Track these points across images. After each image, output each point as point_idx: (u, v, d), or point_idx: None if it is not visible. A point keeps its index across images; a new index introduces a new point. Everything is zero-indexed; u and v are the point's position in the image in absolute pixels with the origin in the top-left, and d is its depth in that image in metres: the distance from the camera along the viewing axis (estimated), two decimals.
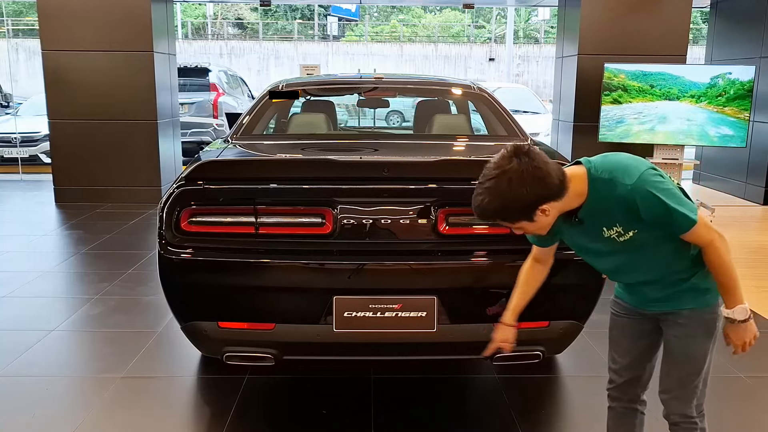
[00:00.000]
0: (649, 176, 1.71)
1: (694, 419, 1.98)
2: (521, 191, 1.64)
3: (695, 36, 26.65)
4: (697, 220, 1.72)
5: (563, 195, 1.71)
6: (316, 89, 4.14)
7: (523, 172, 1.64)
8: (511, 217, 1.72)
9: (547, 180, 1.66)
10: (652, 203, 1.70)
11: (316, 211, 2.51)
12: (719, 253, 1.76)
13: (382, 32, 35.19)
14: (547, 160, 1.69)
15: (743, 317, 1.84)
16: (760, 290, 4.53)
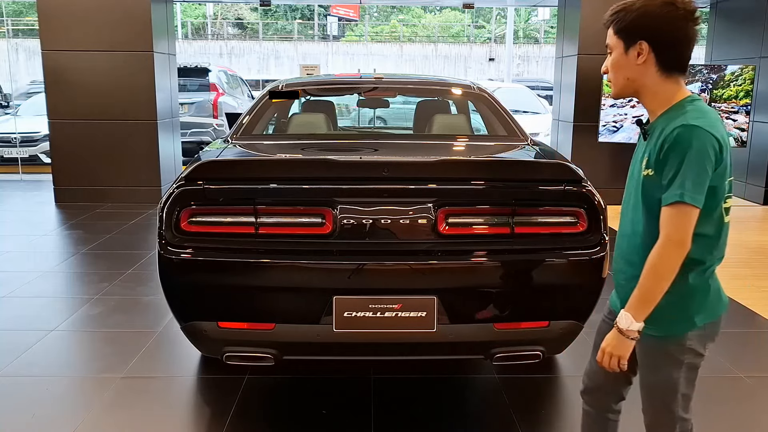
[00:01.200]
0: (705, 138, 1.54)
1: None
2: (649, 6, 1.63)
3: None
4: (683, 201, 1.54)
5: (663, 70, 1.64)
6: (316, 89, 4.14)
7: (671, 5, 1.60)
8: (620, 23, 1.71)
9: (676, 30, 1.61)
10: (680, 151, 1.55)
11: (316, 211, 2.51)
12: (657, 254, 1.59)
13: (382, 32, 35.19)
14: (696, 37, 1.64)
15: (622, 326, 1.65)
16: (760, 290, 4.53)
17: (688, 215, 1.57)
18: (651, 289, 1.61)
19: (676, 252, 1.58)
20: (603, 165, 7.48)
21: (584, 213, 2.55)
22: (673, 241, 1.58)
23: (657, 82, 1.66)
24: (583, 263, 2.57)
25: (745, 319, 4.03)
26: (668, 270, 1.59)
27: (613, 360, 1.69)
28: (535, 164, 2.87)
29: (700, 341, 1.73)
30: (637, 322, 1.64)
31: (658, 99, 1.68)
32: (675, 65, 1.65)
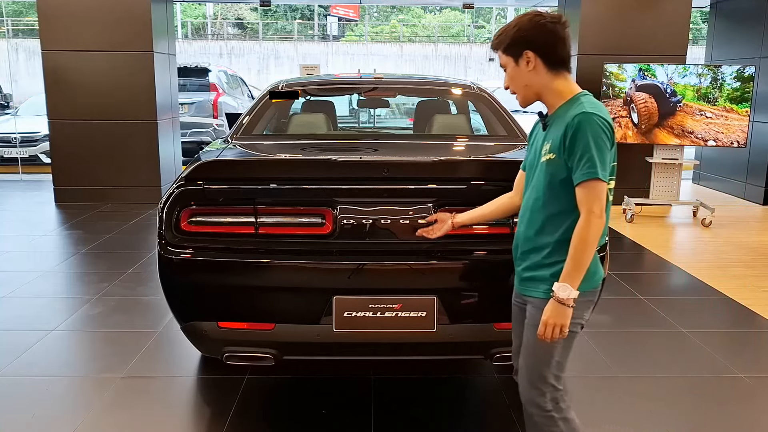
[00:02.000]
0: (601, 123, 1.79)
1: (550, 412, 1.96)
2: (522, 22, 1.89)
3: (695, 36, 26.64)
4: (598, 178, 1.76)
5: (551, 69, 1.89)
6: (316, 89, 4.14)
7: (538, 15, 1.89)
8: (504, 43, 1.93)
9: (548, 34, 1.87)
10: (583, 134, 1.78)
11: (316, 211, 2.51)
12: (585, 227, 1.78)
13: (382, 32, 35.19)
14: (568, 37, 1.90)
15: (562, 295, 1.80)
16: (760, 290, 4.53)
17: (600, 189, 1.79)
18: (581, 258, 1.80)
19: (597, 222, 1.78)
20: None
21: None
22: (595, 213, 1.78)
23: (549, 81, 1.91)
24: None
25: (745, 319, 4.03)
26: (594, 240, 1.79)
27: (556, 329, 1.84)
28: None
29: (580, 306, 1.89)
30: (574, 290, 1.81)
31: (554, 94, 1.92)
32: (559, 63, 1.90)
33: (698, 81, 6.52)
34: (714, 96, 6.49)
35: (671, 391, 3.08)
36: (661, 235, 6.29)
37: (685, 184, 8.64)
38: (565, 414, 1.97)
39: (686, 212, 7.22)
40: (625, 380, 3.17)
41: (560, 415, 1.96)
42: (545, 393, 1.95)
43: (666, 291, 4.71)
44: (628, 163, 7.46)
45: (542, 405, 1.96)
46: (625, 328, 3.86)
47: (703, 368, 3.32)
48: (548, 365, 1.93)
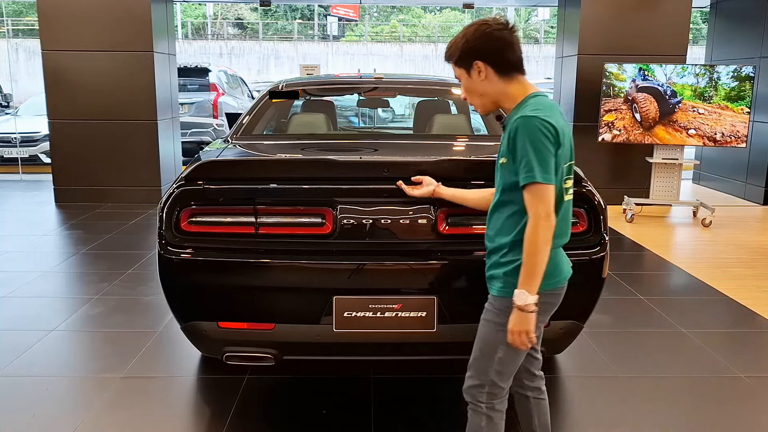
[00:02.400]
0: (540, 124, 1.78)
1: (480, 404, 1.98)
2: (468, 33, 1.91)
3: (695, 36, 26.64)
4: (536, 181, 1.77)
5: (503, 75, 1.90)
6: (316, 89, 4.14)
7: (484, 24, 1.90)
8: (454, 56, 1.94)
9: (495, 41, 1.88)
10: (521, 138, 1.79)
11: (316, 211, 2.51)
12: (533, 231, 1.79)
13: (382, 32, 35.20)
14: (519, 46, 1.92)
15: (519, 303, 1.82)
16: (761, 290, 4.53)
17: (543, 192, 1.79)
18: (533, 262, 1.80)
19: (544, 225, 1.79)
20: (603, 165, 7.49)
21: (584, 213, 2.55)
22: (541, 216, 1.79)
23: (504, 87, 1.93)
24: (583, 263, 2.56)
25: (745, 319, 4.03)
26: (543, 242, 1.80)
27: (522, 336, 1.84)
28: None
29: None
30: (532, 295, 1.82)
31: (509, 99, 1.94)
32: (510, 68, 1.91)
33: (696, 81, 6.52)
34: (710, 94, 6.49)
35: (671, 391, 3.08)
36: (661, 235, 6.29)
37: (685, 184, 8.64)
38: (494, 414, 1.98)
39: (686, 212, 7.22)
40: (625, 380, 3.17)
41: (489, 412, 1.97)
42: (483, 385, 1.97)
43: (666, 291, 4.71)
44: (628, 163, 7.48)
45: (476, 396, 1.99)
46: (625, 328, 3.86)
47: (703, 368, 3.32)
48: (491, 360, 1.94)
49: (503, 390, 1.98)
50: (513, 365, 1.97)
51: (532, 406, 2.15)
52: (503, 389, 1.98)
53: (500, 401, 1.99)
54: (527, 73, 1.97)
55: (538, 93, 1.92)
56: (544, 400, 2.18)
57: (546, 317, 1.98)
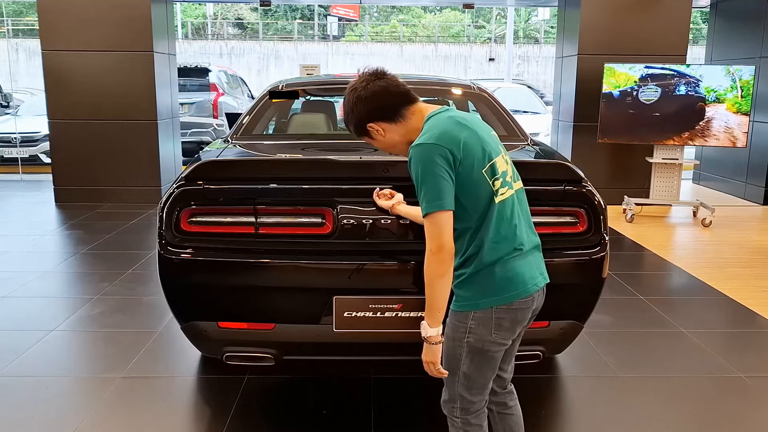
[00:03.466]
0: (427, 151, 1.75)
1: (455, 419, 1.96)
2: (350, 104, 1.92)
3: (695, 36, 26.64)
4: (428, 212, 1.73)
5: (397, 120, 1.90)
6: (316, 89, 4.14)
7: (352, 91, 1.91)
8: (354, 127, 1.95)
9: (370, 101, 1.89)
10: (413, 170, 1.78)
11: (316, 211, 2.51)
12: (425, 265, 1.77)
13: (382, 32, 35.19)
14: (395, 84, 1.92)
15: (423, 334, 1.83)
16: (761, 290, 4.53)
17: (437, 222, 1.74)
18: (430, 295, 1.79)
19: (435, 258, 1.75)
20: (603, 165, 7.49)
21: (584, 213, 2.56)
22: (432, 251, 1.76)
23: (404, 128, 1.92)
24: (583, 263, 2.57)
25: (745, 319, 4.03)
26: (436, 276, 1.77)
27: (430, 366, 1.86)
28: (535, 164, 2.87)
29: (483, 323, 1.83)
30: (432, 327, 1.81)
31: (415, 134, 1.88)
32: (398, 111, 1.91)
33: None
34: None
35: (671, 391, 3.08)
36: (661, 235, 6.29)
37: (685, 184, 8.64)
38: (469, 428, 1.95)
39: (686, 212, 7.22)
40: (625, 380, 3.17)
41: (464, 426, 1.95)
42: (455, 400, 1.94)
43: (666, 291, 4.71)
44: (628, 163, 7.48)
45: (450, 411, 1.97)
46: (625, 328, 3.86)
47: (703, 368, 3.32)
48: (455, 375, 1.91)
49: (475, 404, 1.93)
50: (480, 379, 1.90)
51: (496, 420, 2.12)
52: (474, 403, 1.93)
53: (475, 415, 1.94)
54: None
55: (432, 114, 1.89)
56: (512, 415, 2.12)
57: (507, 334, 1.86)
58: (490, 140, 1.87)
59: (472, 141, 1.80)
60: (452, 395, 1.95)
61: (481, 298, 1.82)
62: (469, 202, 1.79)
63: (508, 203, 1.85)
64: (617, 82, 6.66)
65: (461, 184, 1.77)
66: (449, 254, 1.76)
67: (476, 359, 1.87)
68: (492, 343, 1.85)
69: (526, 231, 1.90)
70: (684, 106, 6.56)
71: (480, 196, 1.79)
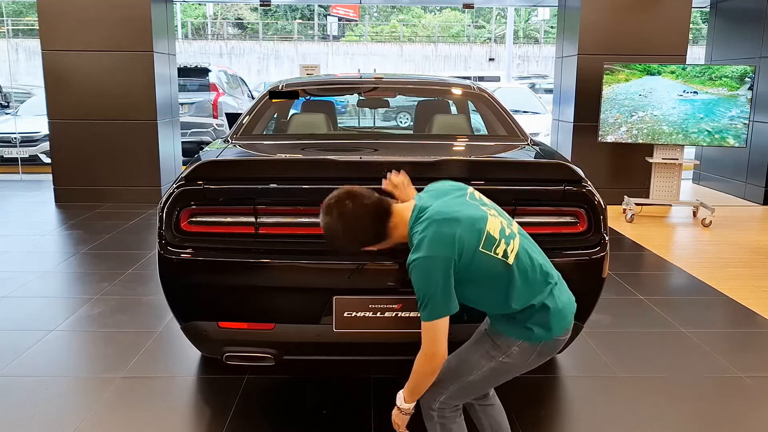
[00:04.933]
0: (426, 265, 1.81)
1: (432, 412, 2.05)
2: (343, 243, 2.00)
3: (695, 36, 26.64)
4: (428, 320, 1.82)
5: (383, 239, 1.99)
6: (316, 89, 4.14)
7: (340, 229, 1.96)
8: (349, 253, 2.13)
9: (360, 235, 1.96)
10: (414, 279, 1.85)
11: (316, 211, 2.50)
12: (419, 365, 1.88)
13: (382, 32, 35.19)
14: (365, 211, 1.94)
15: (398, 403, 1.99)
16: (761, 290, 4.53)
17: (435, 328, 1.83)
18: (415, 385, 1.93)
19: (428, 362, 1.87)
20: (603, 165, 7.49)
21: (584, 213, 2.55)
22: (426, 355, 1.86)
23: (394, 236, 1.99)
24: (583, 263, 2.57)
25: (745, 319, 4.03)
26: (425, 375, 1.89)
27: (395, 426, 2.02)
28: (535, 164, 2.87)
29: (524, 352, 1.94)
30: (408, 403, 1.96)
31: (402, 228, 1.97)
32: (380, 232, 1.98)
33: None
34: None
35: (671, 391, 3.08)
36: (661, 235, 6.29)
37: (685, 184, 8.64)
38: (446, 420, 2.05)
39: (686, 212, 7.22)
40: (625, 380, 3.17)
41: (440, 420, 2.05)
42: (441, 394, 2.02)
43: (666, 291, 4.71)
44: (628, 163, 7.48)
45: (429, 402, 2.04)
46: (625, 328, 3.86)
47: (703, 368, 3.32)
48: (461, 377, 1.99)
49: (457, 405, 2.05)
50: (479, 390, 2.04)
51: (478, 414, 2.21)
52: (457, 405, 2.05)
53: (452, 413, 2.05)
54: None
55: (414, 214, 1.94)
56: (493, 405, 2.21)
57: (539, 360, 1.99)
58: (473, 210, 1.92)
59: (464, 232, 1.84)
60: (442, 389, 2.01)
61: (532, 331, 1.91)
62: (488, 282, 1.87)
63: (522, 254, 1.91)
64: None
65: (471, 274, 1.84)
66: (441, 360, 1.87)
67: (490, 376, 1.98)
68: (517, 369, 1.98)
69: (546, 262, 1.99)
70: None
71: (494, 272, 1.86)
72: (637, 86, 6.65)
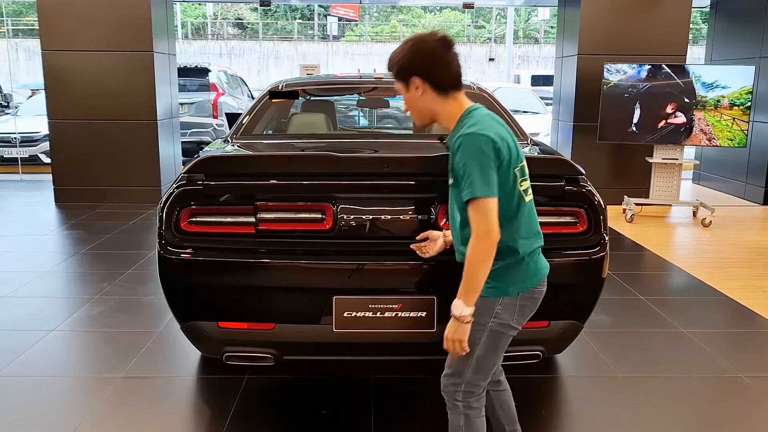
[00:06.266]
0: (479, 140, 1.81)
1: (457, 403, 2.01)
2: (405, 49, 1.92)
3: (695, 36, 26.64)
4: (476, 196, 1.79)
5: (441, 92, 1.92)
6: (316, 89, 4.14)
7: (419, 42, 1.91)
8: (393, 69, 1.96)
9: (431, 59, 1.91)
10: (462, 155, 1.83)
11: (316, 207, 2.51)
12: (473, 249, 1.82)
13: (382, 32, 35.19)
14: (457, 63, 1.94)
15: (456, 313, 1.87)
16: (761, 290, 4.53)
17: (485, 207, 1.81)
18: (471, 277, 1.85)
19: (484, 242, 1.81)
20: (603, 165, 7.49)
21: (584, 213, 2.55)
22: (479, 236, 1.81)
23: (440, 105, 1.95)
24: (583, 263, 2.57)
25: (745, 319, 4.03)
26: (482, 259, 1.83)
27: (456, 344, 1.90)
28: (535, 163, 2.86)
29: (507, 309, 1.95)
30: (468, 307, 1.86)
31: (447, 118, 1.97)
32: (446, 85, 1.94)
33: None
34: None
35: (671, 391, 3.08)
36: (661, 235, 6.29)
37: (685, 184, 8.64)
38: (471, 412, 2.01)
39: (686, 212, 7.22)
40: (625, 380, 3.17)
41: (465, 410, 2.01)
42: (460, 384, 2.00)
43: (666, 291, 4.71)
44: (628, 163, 7.48)
45: (453, 395, 2.02)
46: (625, 328, 3.86)
47: (703, 368, 3.32)
48: (468, 358, 1.97)
49: (480, 387, 2.02)
50: (491, 364, 2.00)
51: (491, 397, 2.22)
52: (480, 387, 2.02)
53: (476, 399, 2.02)
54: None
55: (473, 107, 1.94)
56: (504, 390, 2.24)
57: (522, 319, 2.00)
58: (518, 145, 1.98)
59: (510, 141, 1.91)
60: (460, 379, 2.01)
61: (509, 286, 1.93)
62: (504, 196, 1.88)
63: (532, 204, 2.00)
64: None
65: (498, 180, 1.85)
66: (496, 239, 1.82)
67: (492, 344, 1.97)
68: (510, 328, 1.97)
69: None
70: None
71: (512, 193, 1.90)
72: None
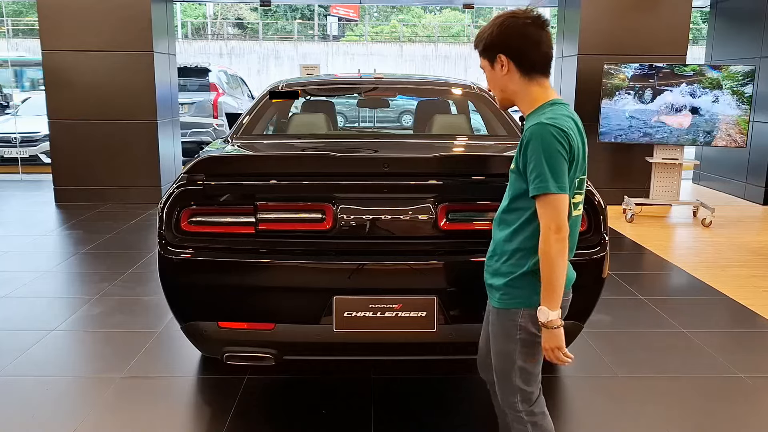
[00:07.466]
0: (556, 133, 1.71)
1: (520, 413, 1.95)
2: (496, 24, 1.83)
3: (695, 36, 26.63)
4: (549, 191, 1.70)
5: (526, 73, 1.82)
6: (316, 89, 4.14)
7: (512, 18, 1.82)
8: (480, 45, 1.87)
9: (522, 37, 1.80)
10: (535, 146, 1.72)
11: (316, 207, 2.51)
12: (545, 246, 1.73)
13: (382, 32, 35.19)
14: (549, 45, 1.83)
15: (542, 320, 1.77)
16: (761, 290, 4.53)
17: (555, 202, 1.72)
18: (549, 276, 1.74)
19: (556, 237, 1.72)
20: (603, 165, 7.49)
21: (584, 213, 2.55)
22: (551, 229, 1.72)
23: (523, 87, 1.85)
24: (583, 263, 2.56)
25: (745, 319, 4.03)
26: (557, 255, 1.72)
27: (555, 352, 1.81)
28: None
29: (531, 320, 1.84)
30: (553, 311, 1.76)
31: (526, 101, 1.86)
32: (533, 68, 1.83)
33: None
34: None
35: (671, 391, 3.08)
36: (661, 235, 6.29)
37: (685, 184, 8.64)
38: (537, 418, 1.96)
39: (686, 212, 7.22)
40: (625, 380, 3.17)
41: (530, 418, 1.96)
42: (516, 393, 1.95)
43: (666, 291, 4.71)
44: (628, 163, 7.48)
45: (513, 406, 1.96)
46: (625, 328, 3.86)
47: (703, 368, 3.32)
48: (512, 371, 1.92)
49: (534, 394, 1.96)
50: (535, 369, 1.94)
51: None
52: (534, 393, 1.96)
53: (537, 404, 1.96)
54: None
55: (558, 101, 1.84)
56: None
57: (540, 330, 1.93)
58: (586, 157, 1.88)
59: (582, 148, 1.82)
60: (512, 391, 1.94)
61: (532, 296, 1.83)
62: None
63: (578, 219, 1.91)
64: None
65: None
66: (566, 234, 1.73)
67: (528, 352, 1.90)
68: (538, 336, 1.87)
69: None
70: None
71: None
72: None
